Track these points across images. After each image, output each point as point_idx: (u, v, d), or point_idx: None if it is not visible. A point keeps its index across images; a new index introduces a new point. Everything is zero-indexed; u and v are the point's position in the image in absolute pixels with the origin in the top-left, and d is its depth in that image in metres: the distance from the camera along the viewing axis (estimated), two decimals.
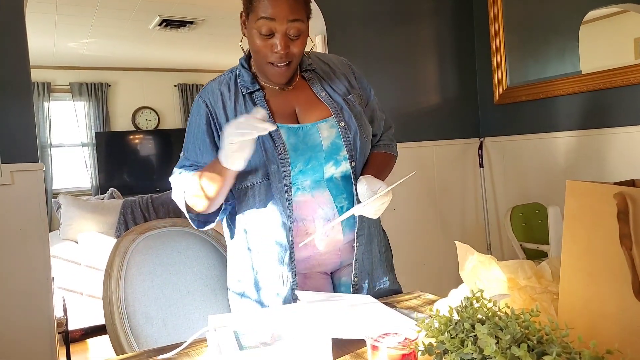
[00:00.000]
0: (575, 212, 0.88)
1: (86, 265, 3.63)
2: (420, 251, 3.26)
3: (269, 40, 1.20)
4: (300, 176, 1.27)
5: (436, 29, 3.41)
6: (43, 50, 5.59)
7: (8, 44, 2.08)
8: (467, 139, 3.48)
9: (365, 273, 1.35)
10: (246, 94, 1.30)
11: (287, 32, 1.19)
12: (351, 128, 1.30)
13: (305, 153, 1.27)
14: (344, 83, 1.38)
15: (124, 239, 1.47)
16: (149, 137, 6.96)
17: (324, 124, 1.30)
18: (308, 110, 1.32)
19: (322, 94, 1.34)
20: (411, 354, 0.81)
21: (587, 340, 0.70)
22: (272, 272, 1.29)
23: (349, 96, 1.36)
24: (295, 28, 1.19)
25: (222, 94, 1.31)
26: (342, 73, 1.41)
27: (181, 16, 4.75)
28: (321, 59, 1.42)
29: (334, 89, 1.36)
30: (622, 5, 2.83)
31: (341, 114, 1.31)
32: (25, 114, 2.12)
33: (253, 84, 1.31)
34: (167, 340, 1.32)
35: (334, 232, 1.30)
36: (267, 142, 1.24)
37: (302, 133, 1.28)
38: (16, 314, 2.07)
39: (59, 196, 3.99)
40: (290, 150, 1.26)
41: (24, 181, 2.09)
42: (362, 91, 1.42)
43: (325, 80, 1.37)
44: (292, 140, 1.27)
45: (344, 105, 1.33)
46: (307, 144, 1.27)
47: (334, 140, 1.29)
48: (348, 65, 1.45)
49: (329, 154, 1.28)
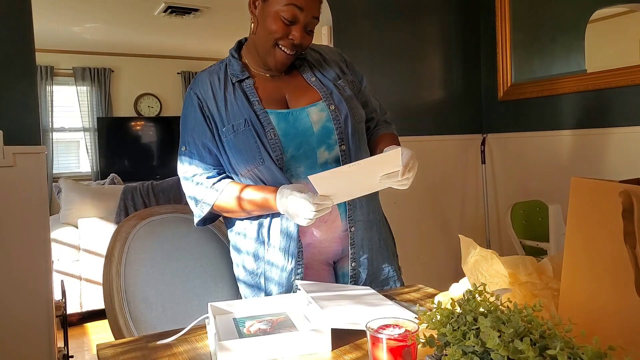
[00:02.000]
0: (579, 209, 0.88)
1: (85, 250, 3.63)
2: (420, 245, 3.26)
3: (287, 27, 1.24)
4: (293, 162, 1.27)
5: (442, 23, 3.39)
6: (47, 34, 5.56)
7: (13, 25, 2.07)
8: (469, 135, 3.48)
9: (364, 259, 1.35)
10: (235, 82, 1.32)
11: (306, 26, 1.25)
12: (341, 111, 1.31)
13: (297, 138, 1.27)
14: (335, 69, 1.40)
15: (125, 224, 1.47)
16: (151, 123, 6.95)
17: (313, 107, 1.30)
18: (298, 96, 1.33)
19: (312, 79, 1.36)
20: (411, 346, 0.81)
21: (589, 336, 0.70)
22: (275, 259, 1.31)
23: (339, 81, 1.38)
24: (313, 24, 1.26)
25: (211, 83, 1.33)
26: (333, 60, 1.43)
27: (186, 3, 4.73)
28: (313, 48, 1.44)
29: (324, 74, 1.38)
30: (629, 5, 2.81)
31: (331, 97, 1.32)
32: (29, 96, 2.11)
33: (243, 72, 1.33)
34: (166, 326, 1.32)
35: (333, 218, 1.30)
36: (258, 128, 1.26)
37: (292, 118, 1.29)
38: (15, 297, 2.07)
39: (59, 180, 3.98)
40: (281, 135, 1.27)
41: (25, 164, 2.08)
42: (354, 77, 1.44)
43: (315, 67, 1.39)
44: (283, 126, 1.27)
45: (334, 90, 1.34)
46: (298, 128, 1.28)
47: (324, 124, 1.29)
48: (339, 53, 1.48)
49: (320, 138, 1.28)
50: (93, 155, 6.62)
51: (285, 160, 1.26)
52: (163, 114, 7.10)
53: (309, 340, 0.96)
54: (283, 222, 1.28)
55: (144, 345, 1.04)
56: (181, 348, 1.02)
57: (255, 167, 1.27)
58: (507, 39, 3.26)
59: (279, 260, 1.30)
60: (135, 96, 6.94)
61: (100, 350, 1.02)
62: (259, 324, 1.09)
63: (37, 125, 2.14)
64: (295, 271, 1.30)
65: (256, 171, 1.27)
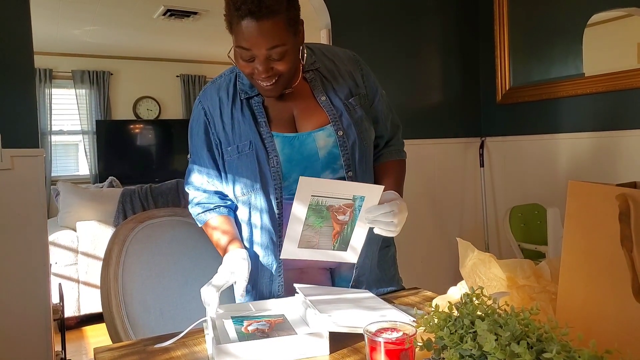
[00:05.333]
0: (577, 212, 0.88)
1: (83, 253, 3.63)
2: (418, 249, 3.27)
3: (250, 63, 1.15)
4: (295, 185, 1.25)
5: (441, 27, 3.40)
6: (46, 37, 5.56)
7: (12, 28, 2.07)
8: (468, 138, 3.48)
9: (366, 268, 1.35)
10: (244, 99, 1.28)
11: (268, 57, 1.13)
12: (349, 137, 1.26)
13: (301, 163, 1.25)
14: (348, 83, 1.32)
15: (124, 227, 1.47)
16: (150, 126, 6.94)
17: (321, 132, 1.26)
18: (306, 117, 1.28)
19: (322, 98, 1.28)
20: (409, 350, 0.81)
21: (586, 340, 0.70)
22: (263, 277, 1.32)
23: (351, 99, 1.30)
24: (276, 52, 1.12)
25: (220, 99, 1.30)
26: (348, 71, 1.34)
27: (186, 6, 4.73)
28: (327, 54, 1.35)
29: (335, 91, 1.30)
30: (627, 9, 2.82)
31: (340, 121, 1.26)
32: (27, 100, 2.11)
33: (252, 88, 1.28)
34: (164, 329, 1.32)
35: None
36: (261, 154, 1.23)
37: (297, 143, 1.25)
38: (12, 300, 2.06)
39: (57, 183, 3.98)
40: (285, 161, 1.24)
41: (24, 166, 2.08)
42: (367, 90, 1.36)
43: (328, 80, 1.31)
44: (287, 151, 1.25)
45: (344, 111, 1.28)
46: (303, 154, 1.25)
47: (331, 150, 1.26)
48: (356, 61, 1.38)
49: (325, 163, 1.26)
50: (92, 158, 6.61)
51: (287, 184, 1.25)
52: (162, 117, 7.10)
53: (307, 344, 0.96)
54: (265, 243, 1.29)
55: (142, 349, 1.04)
56: (179, 352, 1.02)
57: (250, 193, 1.27)
58: (506, 43, 3.27)
59: (265, 263, 1.31)
60: (134, 99, 6.93)
61: (98, 354, 1.02)
62: (257, 324, 1.09)
63: (36, 128, 2.14)
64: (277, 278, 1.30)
65: (250, 197, 1.27)
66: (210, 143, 1.31)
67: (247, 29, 1.09)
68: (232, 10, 1.11)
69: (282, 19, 1.09)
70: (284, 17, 1.09)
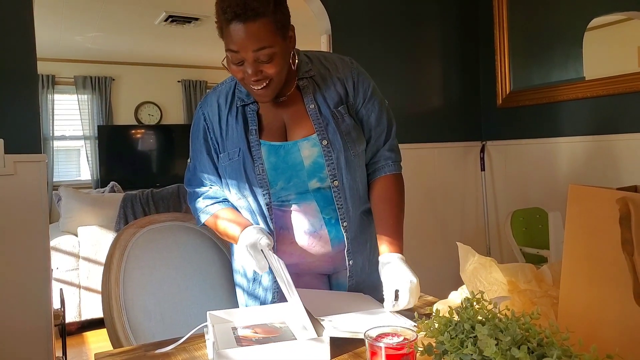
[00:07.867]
0: (577, 216, 0.88)
1: (84, 258, 3.63)
2: (419, 252, 3.26)
3: (241, 67, 1.17)
4: (283, 192, 1.28)
5: (441, 31, 3.41)
6: (49, 43, 5.58)
7: (16, 35, 2.08)
8: (469, 142, 3.48)
9: (362, 273, 1.35)
10: (240, 107, 1.31)
11: (257, 59, 1.14)
12: (334, 146, 1.26)
13: (286, 172, 1.27)
14: (339, 90, 1.31)
15: (124, 233, 1.47)
16: (151, 131, 6.96)
17: (305, 142, 1.26)
18: (295, 126, 1.29)
19: (310, 106, 1.28)
20: (410, 354, 0.81)
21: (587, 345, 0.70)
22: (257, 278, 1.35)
23: (340, 107, 1.29)
24: (264, 54, 1.13)
25: (219, 106, 1.33)
26: (340, 78, 1.32)
27: (187, 12, 4.75)
28: (324, 62, 1.35)
29: (325, 98, 1.29)
30: (627, 13, 2.83)
31: (325, 131, 1.26)
32: (30, 106, 2.12)
33: (249, 96, 1.30)
34: (165, 334, 1.32)
35: (321, 244, 1.31)
36: (247, 162, 1.26)
37: (283, 152, 1.27)
38: (14, 305, 2.06)
39: (59, 188, 3.98)
40: (270, 169, 1.26)
41: (26, 172, 2.09)
42: (356, 96, 1.33)
43: (319, 87, 1.30)
44: (273, 159, 1.27)
45: (331, 120, 1.27)
46: (288, 162, 1.27)
47: (315, 159, 1.26)
48: (351, 68, 1.35)
49: (311, 172, 1.27)
50: (93, 163, 6.62)
51: (275, 191, 1.28)
52: (163, 122, 7.12)
53: (307, 350, 0.96)
54: None
55: (143, 354, 1.03)
56: (180, 357, 1.01)
57: (242, 197, 1.30)
58: (506, 47, 3.27)
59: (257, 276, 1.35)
60: (135, 104, 6.95)
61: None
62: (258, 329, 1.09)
63: (38, 133, 2.14)
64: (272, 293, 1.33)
65: (244, 201, 1.30)
66: (209, 147, 1.33)
67: (234, 32, 1.12)
68: (220, 14, 1.14)
69: (269, 21, 1.12)
70: (270, 19, 1.12)
